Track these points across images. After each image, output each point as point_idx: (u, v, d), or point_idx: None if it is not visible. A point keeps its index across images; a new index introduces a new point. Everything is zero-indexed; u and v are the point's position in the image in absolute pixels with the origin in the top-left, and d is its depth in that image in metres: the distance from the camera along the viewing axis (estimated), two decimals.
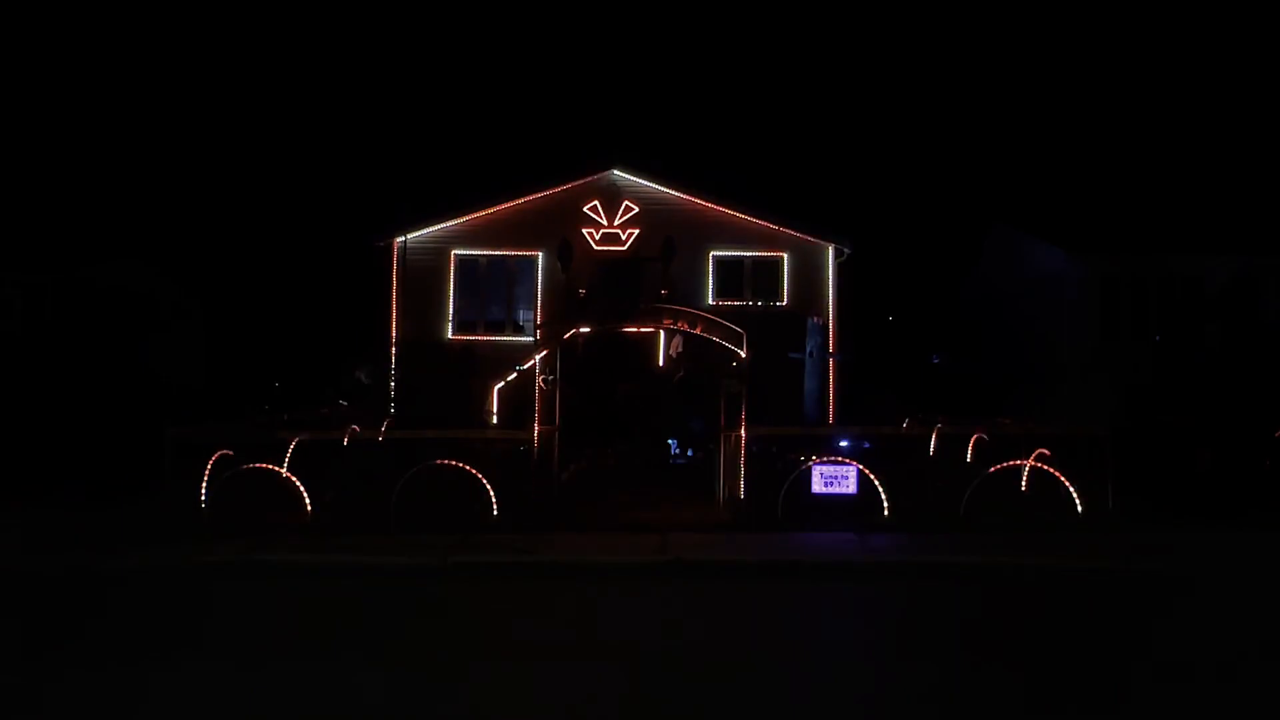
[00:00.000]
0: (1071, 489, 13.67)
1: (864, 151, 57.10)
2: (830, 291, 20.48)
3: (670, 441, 21.03)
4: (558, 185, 20.49)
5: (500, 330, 20.37)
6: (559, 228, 19.94)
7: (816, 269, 20.55)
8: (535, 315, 19.93)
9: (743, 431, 14.57)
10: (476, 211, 20.50)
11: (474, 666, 7.58)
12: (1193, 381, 19.49)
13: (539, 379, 14.78)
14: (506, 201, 20.50)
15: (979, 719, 6.57)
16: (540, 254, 20.35)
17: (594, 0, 68.37)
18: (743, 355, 14.93)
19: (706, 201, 20.50)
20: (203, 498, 13.64)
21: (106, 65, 57.32)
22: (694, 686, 7.08)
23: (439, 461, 13.60)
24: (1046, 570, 11.33)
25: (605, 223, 20.30)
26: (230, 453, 13.84)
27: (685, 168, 34.26)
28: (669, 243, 19.37)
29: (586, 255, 20.06)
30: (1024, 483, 13.93)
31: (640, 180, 20.54)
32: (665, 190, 20.53)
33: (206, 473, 13.69)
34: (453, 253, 20.43)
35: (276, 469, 13.62)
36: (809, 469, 14.10)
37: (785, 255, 20.49)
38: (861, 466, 14.01)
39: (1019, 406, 20.72)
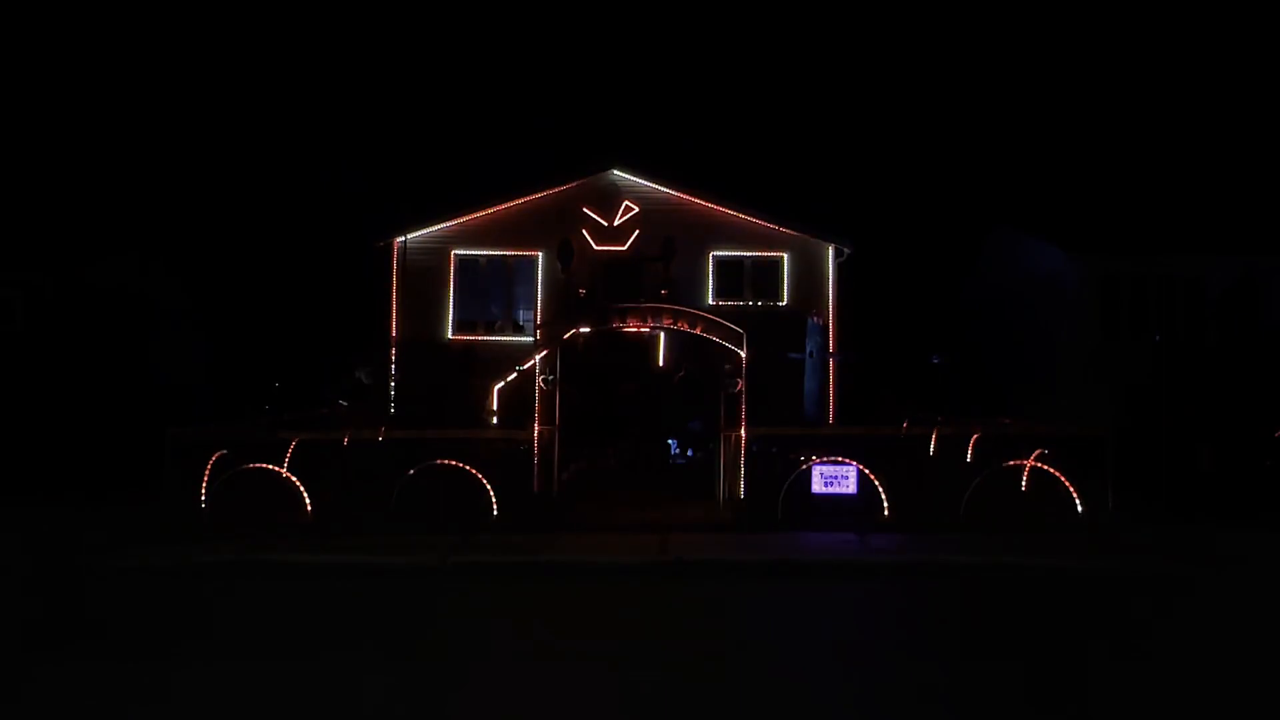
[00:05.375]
0: (1071, 489, 13.68)
1: (864, 152, 56.87)
2: (830, 291, 20.46)
3: (670, 441, 21.01)
4: (557, 185, 20.47)
5: (500, 330, 20.35)
6: (559, 228, 19.93)
7: (816, 269, 20.54)
8: (535, 315, 19.92)
9: (743, 431, 14.57)
10: (476, 211, 20.48)
11: (474, 666, 7.59)
12: (1193, 381, 19.47)
13: (539, 379, 14.78)
14: (506, 201, 20.49)
15: (979, 719, 6.57)
16: (540, 254, 20.34)
17: (594, 1, 68.37)
18: (743, 355, 14.93)
19: (706, 201, 20.49)
20: (203, 498, 13.65)
21: (107, 64, 57.27)
22: (694, 687, 7.08)
23: (439, 461, 13.62)
24: (1046, 570, 11.33)
25: (605, 223, 20.28)
26: (230, 453, 13.85)
27: (685, 168, 34.20)
28: (669, 243, 19.36)
29: (586, 255, 20.05)
30: (1024, 483, 13.94)
31: (640, 180, 20.53)
32: (665, 190, 20.51)
33: (206, 473, 13.71)
34: (453, 253, 20.42)
35: (276, 469, 13.64)
36: (809, 469, 14.11)
37: (785, 255, 20.48)
38: (862, 466, 14.02)
39: (1019, 406, 20.69)
